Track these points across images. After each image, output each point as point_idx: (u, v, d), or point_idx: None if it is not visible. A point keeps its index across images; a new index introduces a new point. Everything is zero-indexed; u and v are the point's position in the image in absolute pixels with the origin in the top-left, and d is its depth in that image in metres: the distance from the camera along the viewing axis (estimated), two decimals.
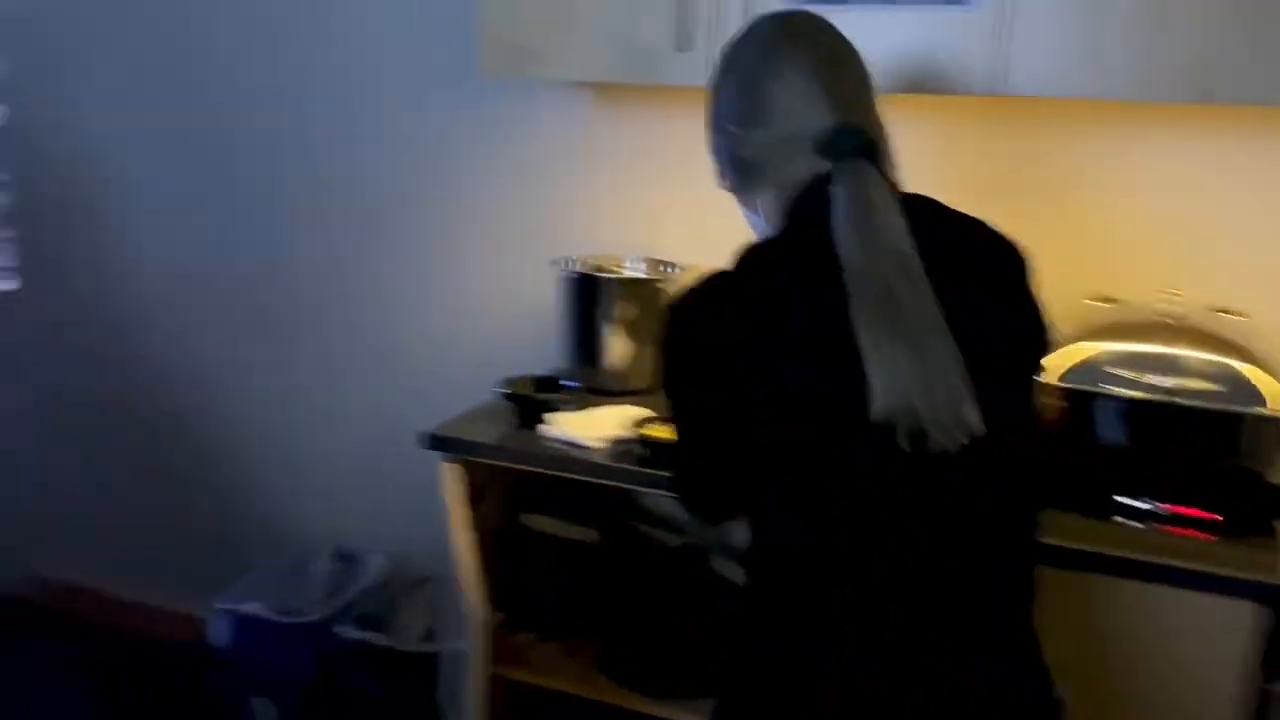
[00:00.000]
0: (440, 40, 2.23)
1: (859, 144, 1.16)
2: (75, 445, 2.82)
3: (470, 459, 1.81)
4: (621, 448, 1.73)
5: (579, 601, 1.98)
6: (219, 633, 2.33)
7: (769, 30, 1.28)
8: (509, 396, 1.86)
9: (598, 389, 1.96)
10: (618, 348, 1.98)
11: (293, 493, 2.62)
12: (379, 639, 2.27)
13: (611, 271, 2.04)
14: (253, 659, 2.31)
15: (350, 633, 2.27)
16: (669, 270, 2.04)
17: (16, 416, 2.85)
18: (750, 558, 1.16)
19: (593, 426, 1.79)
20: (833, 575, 1.08)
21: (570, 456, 1.73)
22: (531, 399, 1.85)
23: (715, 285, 1.16)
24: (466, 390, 1.99)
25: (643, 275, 2.04)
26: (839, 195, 1.12)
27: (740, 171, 1.28)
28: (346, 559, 2.46)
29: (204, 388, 2.66)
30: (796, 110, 1.20)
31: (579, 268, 2.01)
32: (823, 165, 1.16)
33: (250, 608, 2.29)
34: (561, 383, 1.93)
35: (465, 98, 2.23)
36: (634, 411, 1.80)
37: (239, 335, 2.59)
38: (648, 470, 1.66)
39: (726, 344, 1.11)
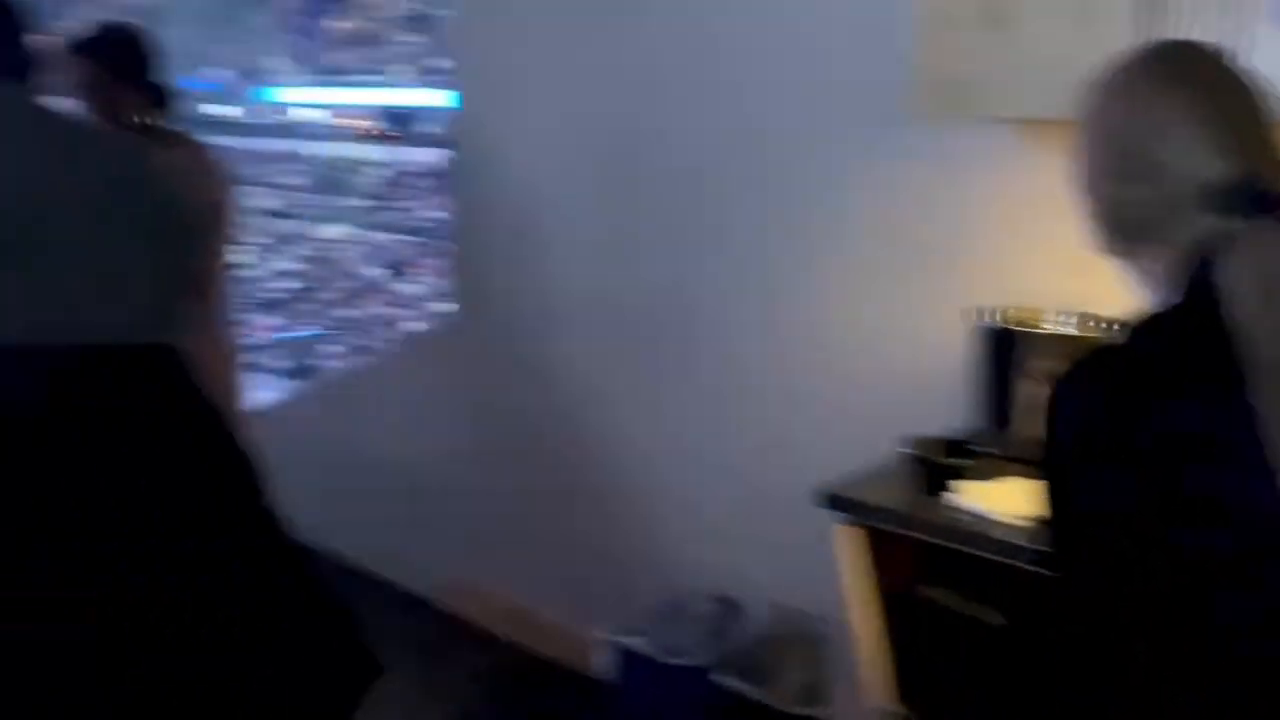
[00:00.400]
0: (856, 77, 2.15)
1: (1261, 198, 1.00)
2: (494, 459, 3.02)
3: (869, 524, 1.71)
4: (1038, 526, 1.55)
5: (981, 688, 1.81)
6: (605, 662, 2.38)
7: (1141, 69, 1.11)
8: (915, 459, 1.74)
9: (1012, 457, 1.78)
10: (1038, 412, 1.79)
11: (680, 528, 2.63)
12: (757, 693, 2.22)
13: (1034, 326, 1.85)
14: (634, 694, 2.34)
15: (729, 682, 2.24)
16: (1100, 326, 1.82)
17: (450, 428, 3.10)
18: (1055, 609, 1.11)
19: (1005, 499, 1.63)
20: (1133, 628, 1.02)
21: (980, 532, 1.58)
22: (939, 463, 1.72)
23: (1099, 360, 1.08)
24: (862, 442, 1.88)
25: (1070, 331, 1.84)
26: (1237, 265, 0.97)
27: (1123, 235, 1.14)
28: (727, 604, 2.43)
29: (607, 416, 2.75)
30: (1182, 162, 1.05)
31: (998, 320, 1.85)
32: (1220, 224, 1.02)
33: (637, 643, 2.32)
34: (971, 447, 1.77)
35: (879, 136, 2.13)
36: None
37: (646, 368, 2.65)
38: None
39: (1098, 425, 1.03)
